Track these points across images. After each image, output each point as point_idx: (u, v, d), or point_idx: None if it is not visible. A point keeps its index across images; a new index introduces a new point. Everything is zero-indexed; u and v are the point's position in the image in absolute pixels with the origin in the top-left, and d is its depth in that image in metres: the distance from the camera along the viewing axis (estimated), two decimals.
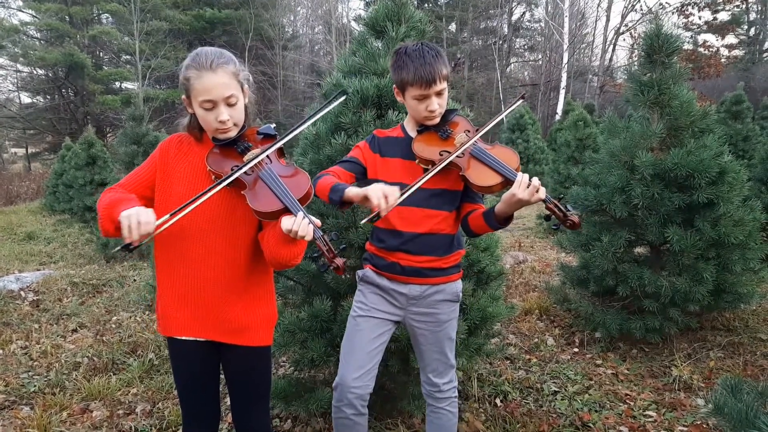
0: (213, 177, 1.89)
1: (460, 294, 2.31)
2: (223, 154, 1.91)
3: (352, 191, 1.94)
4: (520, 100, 2.36)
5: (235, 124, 1.89)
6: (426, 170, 2.09)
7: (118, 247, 1.67)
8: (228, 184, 1.81)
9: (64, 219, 12.80)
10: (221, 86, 1.81)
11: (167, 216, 1.69)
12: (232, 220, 1.91)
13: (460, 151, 2.06)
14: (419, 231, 2.15)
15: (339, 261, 1.70)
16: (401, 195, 1.92)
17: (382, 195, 1.84)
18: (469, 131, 2.18)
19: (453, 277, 2.26)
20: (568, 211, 1.93)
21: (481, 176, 2.04)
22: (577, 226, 1.93)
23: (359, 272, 2.32)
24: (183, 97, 1.91)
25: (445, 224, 2.18)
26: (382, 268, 2.23)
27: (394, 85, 2.19)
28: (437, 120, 2.16)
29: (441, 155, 2.08)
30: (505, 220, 2.07)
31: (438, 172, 2.08)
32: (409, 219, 2.16)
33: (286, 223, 1.69)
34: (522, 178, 1.93)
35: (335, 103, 2.08)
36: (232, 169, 1.84)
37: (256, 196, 1.80)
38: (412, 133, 2.22)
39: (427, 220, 2.15)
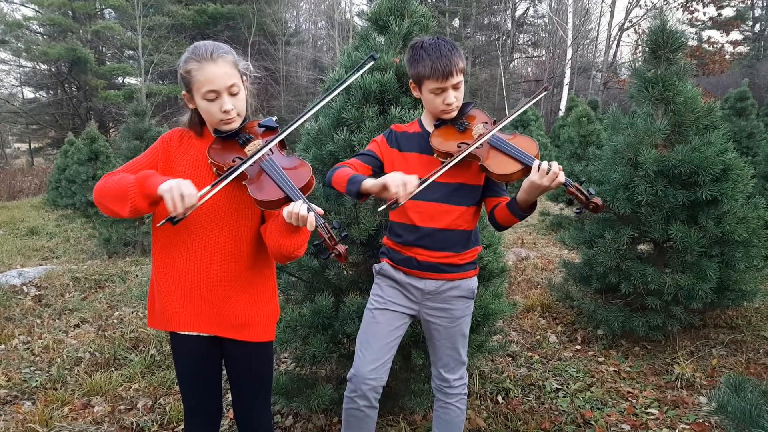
0: (215, 169, 1.89)
1: (475, 291, 2.31)
2: (225, 147, 1.91)
3: (370, 182, 1.94)
4: (544, 92, 2.36)
5: (238, 114, 1.89)
6: (444, 163, 2.09)
7: (163, 221, 1.68)
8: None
9: (67, 214, 12.82)
10: (223, 75, 1.81)
11: (209, 187, 1.70)
12: (234, 214, 1.90)
13: (479, 142, 2.06)
14: (437, 226, 2.15)
15: (341, 248, 1.68)
16: (420, 183, 1.92)
17: (401, 183, 1.84)
18: (486, 122, 2.18)
19: (469, 274, 2.26)
20: (591, 194, 1.91)
21: (500, 165, 2.04)
22: (601, 208, 1.91)
23: (376, 266, 2.33)
24: (183, 93, 1.91)
25: (463, 220, 2.18)
26: (399, 262, 2.23)
27: (411, 81, 2.18)
28: (454, 113, 2.15)
29: (459, 147, 2.07)
30: (529, 207, 2.05)
31: (457, 165, 2.08)
32: (427, 214, 2.15)
33: (287, 210, 1.68)
34: (540, 164, 1.92)
35: (363, 70, 1.98)
36: (234, 161, 1.84)
37: (258, 186, 1.80)
38: (429, 128, 2.22)
39: (445, 216, 2.15)
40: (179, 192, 1.62)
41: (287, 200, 1.73)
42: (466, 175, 2.16)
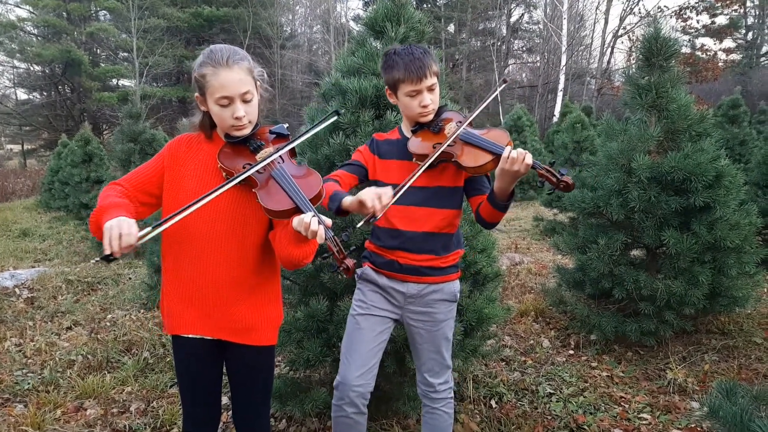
0: (224, 174, 1.89)
1: (458, 294, 2.32)
2: (235, 152, 1.91)
3: (348, 200, 1.95)
4: (504, 84, 2.38)
5: (249, 121, 1.90)
6: (420, 166, 2.10)
7: (98, 258, 1.65)
8: (239, 182, 1.81)
9: (60, 216, 12.77)
10: (238, 82, 1.82)
11: (149, 228, 1.65)
12: (241, 219, 1.91)
13: (450, 139, 2.09)
14: (419, 230, 2.17)
15: (349, 262, 1.69)
16: (395, 194, 1.95)
17: (376, 196, 1.86)
18: (460, 122, 2.20)
19: (451, 277, 2.27)
20: (561, 174, 1.93)
21: (472, 158, 2.07)
22: (571, 187, 1.93)
23: (358, 270, 2.33)
24: (196, 95, 1.91)
25: (445, 223, 2.19)
26: (381, 265, 2.24)
27: (386, 87, 2.21)
28: (431, 116, 2.18)
29: (434, 148, 2.10)
30: (508, 197, 2.05)
31: (435, 168, 2.13)
32: (408, 218, 2.17)
33: (297, 221, 1.69)
34: (506, 152, 1.94)
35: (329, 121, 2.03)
36: (244, 167, 1.84)
37: (267, 194, 1.80)
38: (408, 134, 2.25)
39: (427, 219, 2.17)
40: (118, 231, 1.58)
41: (297, 210, 1.73)
42: (445, 178, 2.18)
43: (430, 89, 2.12)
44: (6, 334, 4.83)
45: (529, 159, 1.92)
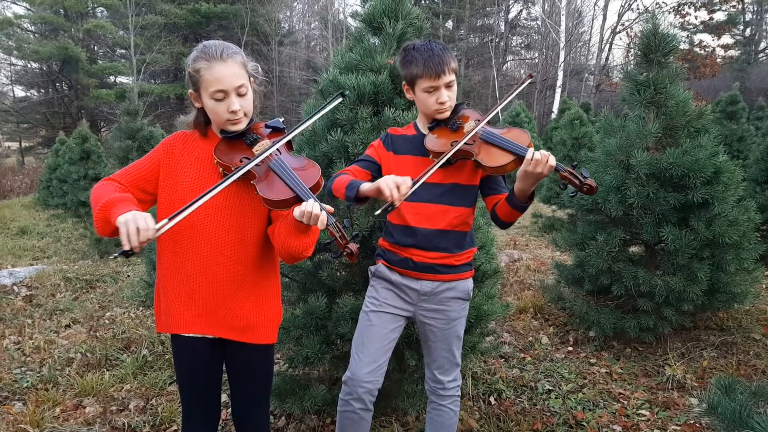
0: (221, 170, 1.88)
1: (471, 292, 2.32)
2: (231, 147, 1.90)
3: (366, 186, 1.96)
4: (529, 79, 2.37)
5: (245, 115, 1.89)
6: (437, 161, 2.10)
7: (117, 254, 1.62)
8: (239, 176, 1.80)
9: (58, 214, 12.72)
10: (232, 76, 1.82)
11: (166, 220, 1.64)
12: (240, 216, 1.90)
13: (469, 136, 2.08)
14: (433, 227, 2.16)
15: (352, 246, 1.68)
16: (413, 184, 1.93)
17: (394, 185, 1.86)
18: (478, 120, 2.19)
19: (465, 275, 2.27)
20: (584, 177, 1.92)
21: (493, 158, 2.06)
22: (595, 190, 1.92)
23: (371, 268, 2.33)
24: (190, 91, 1.91)
25: (460, 221, 2.19)
26: (395, 263, 2.24)
27: (404, 82, 2.21)
28: (448, 113, 2.18)
29: (452, 146, 2.09)
30: (527, 198, 2.05)
31: (451, 165, 2.12)
32: (422, 215, 2.17)
33: (298, 209, 1.68)
34: (530, 154, 1.93)
35: (335, 102, 2.04)
36: (241, 161, 1.84)
37: (267, 186, 1.79)
38: (424, 130, 2.24)
39: (442, 217, 2.16)
40: (135, 225, 1.56)
41: (297, 200, 1.73)
42: (461, 176, 2.17)
43: (448, 86, 2.12)
44: (5, 332, 4.82)
45: (552, 161, 1.91)
